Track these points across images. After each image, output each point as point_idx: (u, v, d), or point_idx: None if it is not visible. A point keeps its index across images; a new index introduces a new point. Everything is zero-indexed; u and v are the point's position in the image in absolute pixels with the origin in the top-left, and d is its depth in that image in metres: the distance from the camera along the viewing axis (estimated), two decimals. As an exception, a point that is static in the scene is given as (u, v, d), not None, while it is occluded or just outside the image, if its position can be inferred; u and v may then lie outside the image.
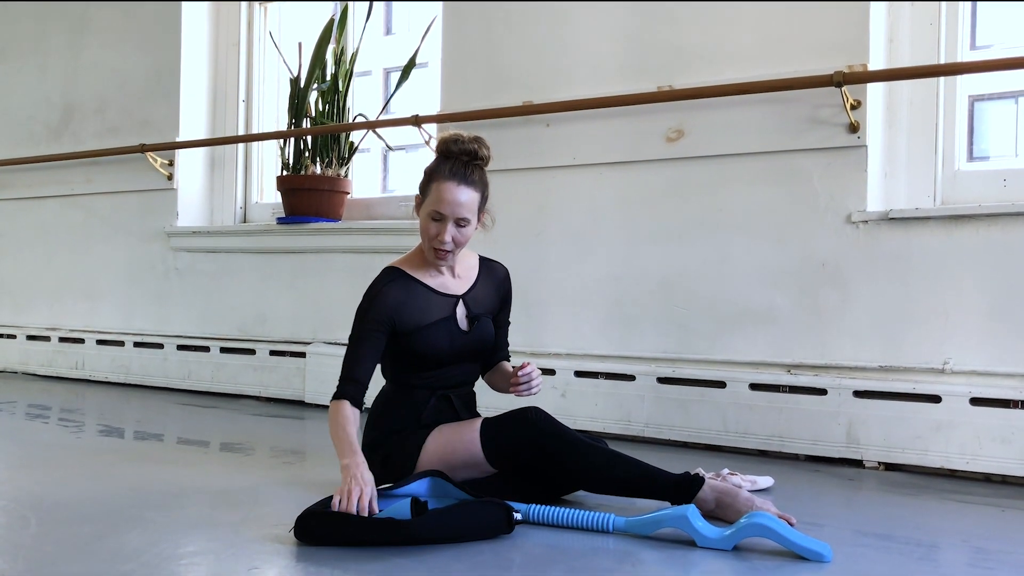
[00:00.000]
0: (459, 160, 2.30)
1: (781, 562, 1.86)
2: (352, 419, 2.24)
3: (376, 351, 2.32)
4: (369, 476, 2.10)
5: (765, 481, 2.60)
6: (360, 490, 2.03)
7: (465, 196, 2.28)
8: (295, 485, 2.51)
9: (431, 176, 2.32)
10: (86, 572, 1.74)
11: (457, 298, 2.40)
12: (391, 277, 2.36)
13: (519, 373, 2.34)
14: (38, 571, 1.75)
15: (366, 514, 1.99)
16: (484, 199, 2.36)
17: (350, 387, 2.28)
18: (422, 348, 2.32)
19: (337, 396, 2.28)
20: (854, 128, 3.00)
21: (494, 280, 2.51)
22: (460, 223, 2.30)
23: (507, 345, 2.58)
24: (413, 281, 2.37)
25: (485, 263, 2.52)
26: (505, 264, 2.59)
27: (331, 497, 2.04)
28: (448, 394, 2.39)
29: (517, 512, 2.04)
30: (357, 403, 2.27)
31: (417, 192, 2.38)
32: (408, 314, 2.32)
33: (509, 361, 2.57)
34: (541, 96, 3.60)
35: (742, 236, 3.21)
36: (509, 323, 2.58)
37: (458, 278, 2.43)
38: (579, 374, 3.46)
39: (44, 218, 5.34)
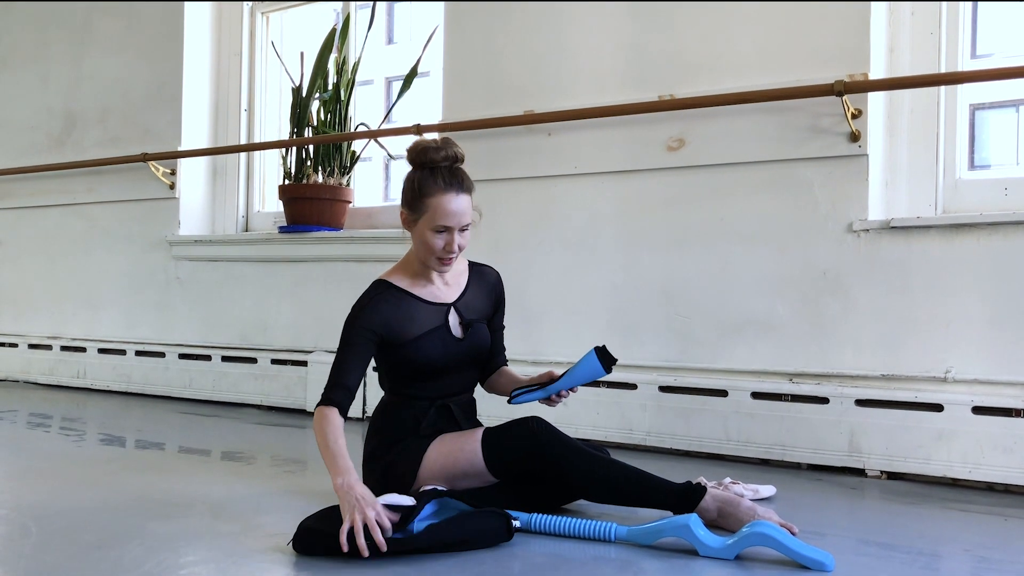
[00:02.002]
0: (444, 169, 2.29)
1: (783, 571, 1.86)
2: (341, 430, 2.19)
3: (365, 360, 2.31)
4: (370, 495, 2.01)
5: (767, 490, 2.59)
6: (364, 516, 1.92)
7: (464, 203, 2.28)
8: (296, 494, 2.50)
9: (422, 192, 2.28)
10: (87, 581, 1.74)
11: (448, 306, 2.40)
12: (379, 290, 2.35)
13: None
14: (39, 580, 1.75)
15: (382, 548, 1.89)
16: (472, 201, 2.34)
17: (338, 393, 2.25)
18: (417, 359, 2.31)
19: (324, 402, 2.24)
20: (855, 137, 3.01)
21: (485, 284, 2.49)
22: (463, 229, 2.30)
23: (504, 350, 2.57)
24: (402, 293, 2.36)
25: (475, 268, 2.51)
26: (506, 272, 2.58)
27: (330, 509, 2.04)
28: (447, 403, 2.38)
29: (516, 520, 2.04)
30: (344, 411, 2.24)
31: (402, 208, 2.34)
32: (398, 327, 2.31)
33: (507, 365, 2.56)
34: (542, 105, 3.61)
35: (743, 245, 3.22)
36: (504, 327, 2.57)
37: (448, 285, 2.43)
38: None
39: (46, 227, 5.35)
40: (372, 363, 2.40)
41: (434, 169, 2.29)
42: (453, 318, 2.39)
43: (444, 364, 2.34)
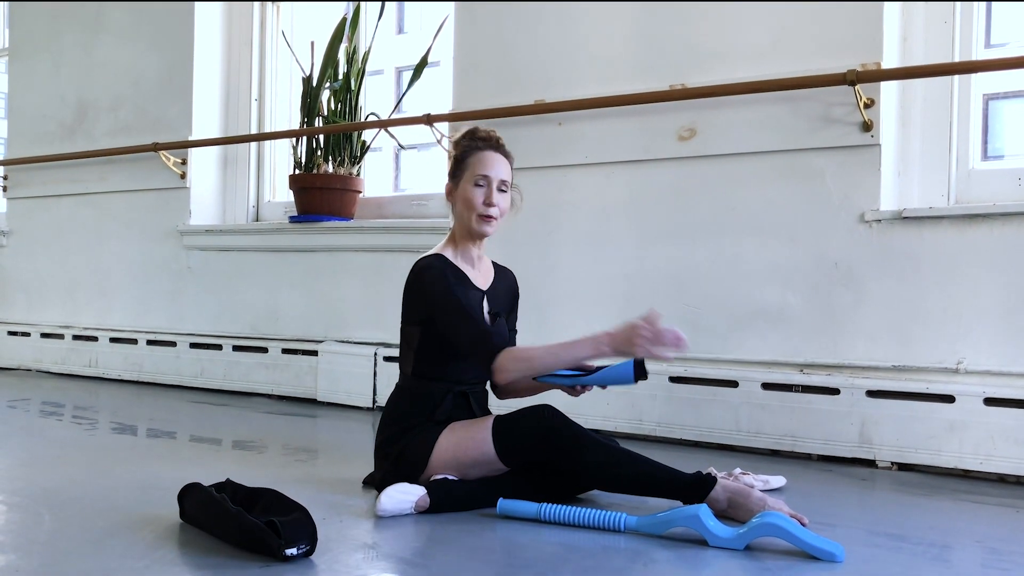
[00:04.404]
0: (487, 140, 2.41)
1: (793, 562, 1.86)
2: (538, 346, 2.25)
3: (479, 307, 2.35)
4: (618, 329, 2.15)
5: (777, 481, 2.59)
6: (646, 333, 2.09)
7: (502, 161, 2.40)
8: (307, 483, 2.51)
9: (464, 156, 2.40)
10: (99, 568, 1.75)
11: (482, 293, 2.43)
12: (442, 261, 2.38)
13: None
14: (51, 567, 1.76)
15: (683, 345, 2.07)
16: (513, 175, 2.45)
17: (499, 339, 2.26)
18: None
19: (495, 351, 2.22)
20: (867, 127, 2.99)
21: (506, 282, 2.55)
22: (501, 188, 2.38)
23: None
24: (457, 268, 2.40)
25: (497, 266, 2.56)
26: (516, 261, 2.61)
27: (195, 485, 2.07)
28: (466, 391, 2.39)
29: (292, 548, 1.79)
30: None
31: (448, 182, 2.45)
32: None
33: None
34: (553, 95, 3.60)
35: (754, 235, 3.20)
36: (516, 330, 2.60)
37: (480, 274, 2.47)
38: (591, 373, 3.45)
39: (58, 216, 5.37)
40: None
41: (474, 138, 2.42)
42: (485, 305, 2.42)
43: None
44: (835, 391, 3.00)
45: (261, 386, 4.45)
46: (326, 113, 4.42)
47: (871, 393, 2.94)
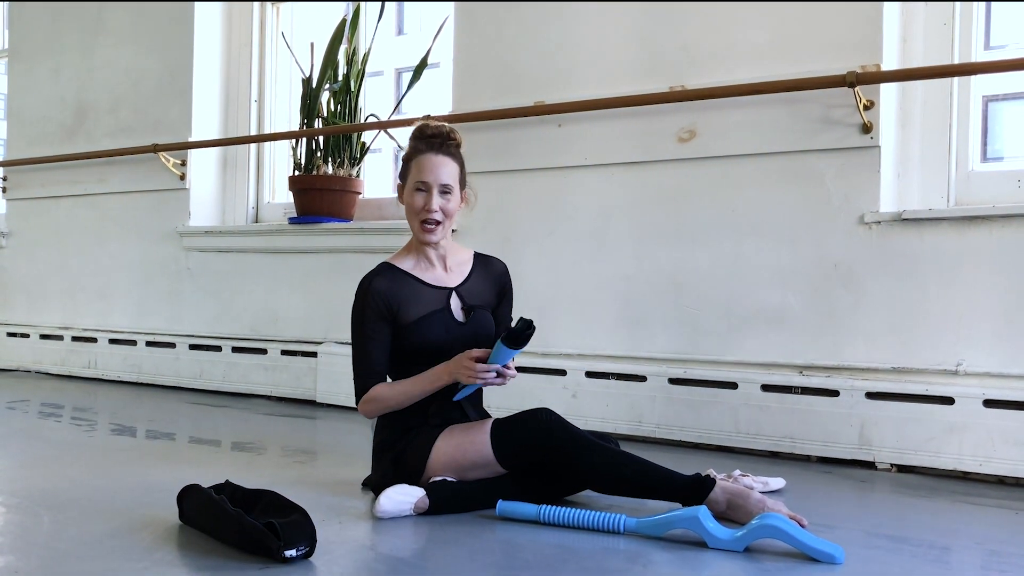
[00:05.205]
0: (432, 139, 2.39)
1: (793, 564, 1.86)
2: (392, 384, 2.33)
3: (384, 344, 2.34)
4: (457, 358, 2.25)
5: (777, 482, 2.59)
6: (470, 372, 2.19)
7: (444, 163, 2.37)
8: (306, 484, 2.51)
9: (407, 158, 2.41)
10: (98, 570, 1.75)
11: (450, 290, 2.41)
12: (379, 270, 2.41)
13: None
14: (51, 568, 1.76)
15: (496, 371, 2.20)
16: (463, 173, 2.42)
17: (370, 381, 2.33)
18: (419, 341, 2.33)
19: (362, 393, 2.33)
20: (867, 128, 2.99)
21: (490, 274, 2.51)
22: (444, 191, 2.36)
23: None
24: (402, 274, 2.40)
25: (480, 258, 2.53)
26: (516, 263, 2.59)
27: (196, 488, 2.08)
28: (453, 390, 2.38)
29: (291, 550, 1.79)
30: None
31: (398, 182, 2.45)
32: (400, 306, 2.35)
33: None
34: (553, 96, 3.60)
35: (754, 237, 3.20)
36: (512, 318, 2.57)
37: (450, 271, 2.45)
38: (590, 374, 3.46)
39: (58, 218, 5.37)
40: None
41: (420, 138, 2.40)
42: (455, 302, 2.41)
43: (447, 347, 2.34)
44: (835, 393, 3.00)
45: (260, 387, 4.45)
46: (326, 114, 4.42)
47: (870, 395, 2.94)
